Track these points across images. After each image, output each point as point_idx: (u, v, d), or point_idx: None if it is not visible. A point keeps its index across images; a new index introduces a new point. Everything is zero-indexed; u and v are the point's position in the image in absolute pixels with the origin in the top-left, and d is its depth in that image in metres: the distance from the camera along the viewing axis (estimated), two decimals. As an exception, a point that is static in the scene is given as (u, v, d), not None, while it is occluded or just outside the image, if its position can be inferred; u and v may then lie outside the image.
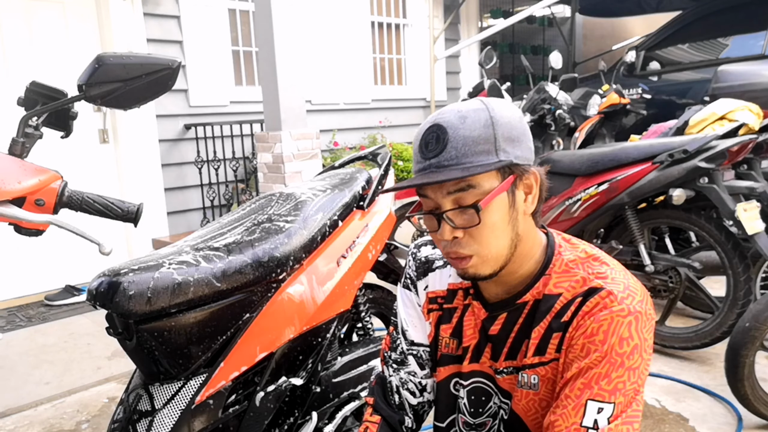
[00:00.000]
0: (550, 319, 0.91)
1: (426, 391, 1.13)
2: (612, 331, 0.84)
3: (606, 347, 0.83)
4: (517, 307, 0.95)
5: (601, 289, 0.87)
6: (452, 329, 1.04)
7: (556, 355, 0.90)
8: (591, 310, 0.86)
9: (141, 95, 1.15)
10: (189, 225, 4.41)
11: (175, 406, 1.14)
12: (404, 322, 1.12)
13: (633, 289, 0.87)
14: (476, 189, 0.87)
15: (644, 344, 0.85)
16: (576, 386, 0.84)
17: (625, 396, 0.83)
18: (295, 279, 1.34)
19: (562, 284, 0.91)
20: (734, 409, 2.07)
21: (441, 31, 5.85)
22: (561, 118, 3.20)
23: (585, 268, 0.91)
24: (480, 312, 1.00)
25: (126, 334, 1.13)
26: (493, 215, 0.87)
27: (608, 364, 0.83)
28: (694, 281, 2.50)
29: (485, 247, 0.89)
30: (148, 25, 4.08)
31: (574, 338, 0.87)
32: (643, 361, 0.85)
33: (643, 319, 0.85)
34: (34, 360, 2.77)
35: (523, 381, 0.94)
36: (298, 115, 3.66)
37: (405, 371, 1.11)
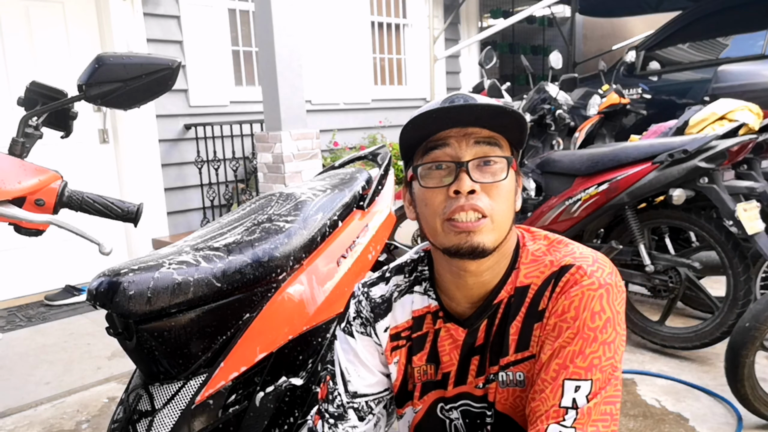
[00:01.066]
0: (525, 311, 0.89)
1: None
2: (583, 306, 0.82)
3: (578, 323, 0.82)
4: (493, 309, 0.91)
5: (571, 265, 0.85)
6: (427, 355, 0.97)
7: (538, 348, 0.88)
8: (563, 288, 0.85)
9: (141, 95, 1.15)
10: (189, 225, 4.41)
11: (175, 406, 1.14)
12: (346, 371, 1.01)
13: (602, 262, 0.86)
14: (499, 149, 0.85)
15: (617, 317, 0.83)
16: (551, 368, 0.82)
17: (602, 372, 0.81)
18: (295, 279, 1.33)
19: (531, 273, 0.89)
20: (734, 409, 2.07)
21: (441, 31, 5.85)
22: (561, 118, 3.20)
23: (551, 253, 0.90)
24: (457, 332, 0.94)
25: (126, 334, 1.13)
26: (509, 183, 0.86)
27: (581, 339, 0.81)
28: (694, 281, 2.50)
29: (498, 211, 0.84)
30: (148, 25, 4.08)
31: (549, 321, 0.85)
32: (617, 335, 0.83)
33: (614, 291, 0.83)
34: (34, 360, 2.77)
35: (507, 379, 0.91)
36: (298, 115, 3.66)
37: (343, 426, 1.01)
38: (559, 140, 3.36)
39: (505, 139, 0.86)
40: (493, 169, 0.84)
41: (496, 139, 0.84)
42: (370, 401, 1.03)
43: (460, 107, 0.81)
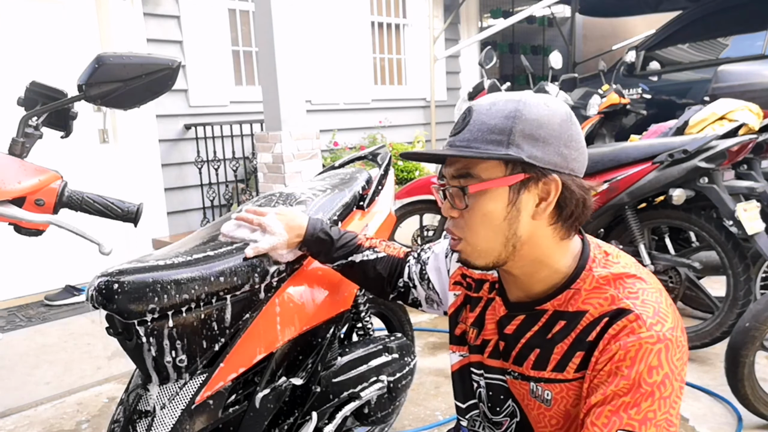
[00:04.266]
0: (574, 336, 0.87)
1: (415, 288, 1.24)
2: (640, 359, 0.79)
3: (634, 374, 0.79)
4: (535, 313, 0.92)
5: (630, 311, 0.81)
6: (475, 318, 1.04)
7: (575, 375, 0.86)
8: (617, 333, 0.81)
9: (141, 95, 1.15)
10: (189, 225, 4.41)
11: (175, 406, 1.14)
12: (430, 257, 1.20)
13: (663, 314, 0.82)
14: (474, 177, 0.86)
15: (675, 372, 0.80)
16: (603, 414, 0.80)
17: (656, 427, 0.78)
18: (296, 279, 1.34)
19: (591, 301, 0.86)
20: (734, 409, 2.07)
21: (441, 31, 5.85)
22: (561, 118, 3.19)
23: (616, 285, 0.86)
24: (500, 309, 0.98)
25: (126, 334, 1.13)
26: (485, 206, 0.86)
27: (637, 393, 0.78)
28: (694, 281, 2.50)
29: (473, 236, 0.88)
30: (148, 25, 4.08)
31: (599, 362, 0.82)
32: (674, 389, 0.80)
33: (673, 347, 0.80)
34: (34, 360, 2.77)
35: (537, 392, 0.92)
36: (298, 115, 3.66)
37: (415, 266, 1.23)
38: (559, 140, 3.36)
39: (502, 162, 0.85)
40: (467, 197, 0.87)
41: (471, 170, 0.86)
42: (425, 285, 1.21)
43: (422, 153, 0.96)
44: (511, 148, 0.83)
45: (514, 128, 0.83)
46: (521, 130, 0.83)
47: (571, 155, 0.86)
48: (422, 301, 1.24)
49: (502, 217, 0.86)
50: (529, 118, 0.83)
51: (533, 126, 0.83)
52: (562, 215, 0.87)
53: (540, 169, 0.84)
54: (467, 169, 0.86)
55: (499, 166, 0.85)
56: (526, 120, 0.83)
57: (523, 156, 0.83)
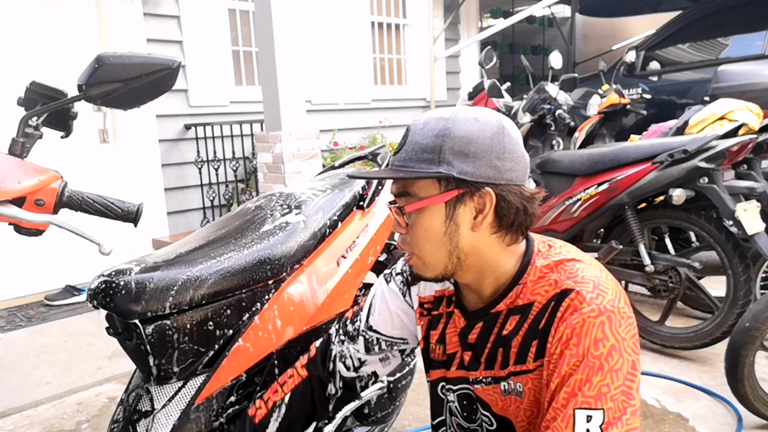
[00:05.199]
0: (527, 327, 0.90)
1: (363, 367, 1.16)
2: (585, 334, 0.81)
3: (581, 351, 0.81)
4: (491, 316, 0.95)
5: (571, 290, 0.85)
6: (438, 335, 1.06)
7: (535, 364, 0.89)
8: (563, 314, 0.84)
9: (141, 95, 1.15)
10: (189, 225, 4.41)
11: (175, 406, 1.14)
12: (373, 307, 1.14)
13: (603, 288, 0.85)
14: (411, 196, 0.89)
15: (622, 344, 0.82)
16: (560, 397, 0.82)
17: (613, 401, 0.80)
18: (295, 279, 1.33)
19: (537, 290, 0.90)
20: (734, 409, 2.07)
21: (441, 31, 5.85)
22: (561, 118, 3.20)
23: (558, 270, 0.89)
24: (459, 321, 1.01)
25: (126, 334, 1.13)
26: (425, 222, 0.89)
27: (587, 368, 0.80)
28: (694, 281, 2.50)
29: (419, 251, 0.92)
30: (148, 25, 4.08)
31: (553, 346, 0.85)
32: (624, 361, 0.81)
33: (616, 318, 0.82)
34: (34, 360, 2.77)
35: (508, 387, 0.94)
36: (298, 115, 3.66)
37: (351, 347, 1.15)
38: (559, 140, 3.36)
39: (435, 179, 0.87)
40: (407, 216, 0.91)
41: (408, 189, 0.89)
42: (382, 340, 1.14)
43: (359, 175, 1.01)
44: (441, 165, 0.86)
45: (444, 146, 0.85)
46: (450, 147, 0.85)
47: (506, 166, 0.87)
48: (377, 370, 1.18)
49: (442, 232, 0.89)
50: (458, 135, 0.86)
51: (462, 142, 0.86)
52: (503, 224, 0.89)
53: (472, 183, 0.86)
54: (405, 188, 0.90)
55: (434, 184, 0.87)
56: (454, 137, 0.85)
57: (453, 172, 0.85)
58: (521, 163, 0.89)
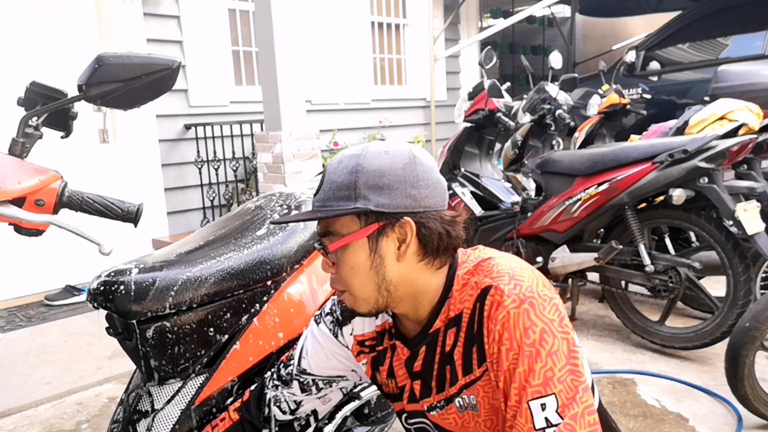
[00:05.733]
0: (464, 336, 0.91)
1: (300, 407, 1.15)
2: (513, 326, 0.82)
3: (515, 343, 0.82)
4: (431, 337, 0.95)
5: (490, 287, 0.86)
6: (387, 370, 1.05)
7: (480, 370, 0.89)
8: (490, 312, 0.85)
9: (141, 95, 1.15)
10: (189, 225, 4.41)
11: (175, 406, 1.14)
12: (304, 350, 1.12)
13: (519, 277, 0.86)
14: (334, 234, 0.90)
15: (551, 325, 0.82)
16: (512, 394, 0.82)
17: (561, 383, 0.80)
18: (295, 279, 1.34)
19: (464, 298, 0.91)
20: (734, 409, 2.07)
21: (441, 31, 5.85)
22: (561, 118, 3.20)
23: (477, 272, 0.91)
24: (403, 351, 1.01)
25: (126, 334, 1.13)
26: (350, 259, 0.90)
27: (526, 358, 0.81)
28: (694, 281, 2.50)
29: (350, 287, 0.92)
30: (148, 25, 4.08)
31: (490, 347, 0.86)
32: (559, 341, 0.81)
33: (538, 303, 0.83)
34: (34, 360, 2.77)
35: (463, 403, 0.94)
36: (298, 115, 3.66)
37: (285, 391, 1.14)
38: (559, 140, 3.36)
39: (354, 215, 0.88)
40: (333, 255, 0.92)
41: (330, 228, 0.91)
42: (318, 380, 1.12)
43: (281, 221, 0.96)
44: (358, 201, 0.87)
45: (358, 181, 0.87)
46: (365, 182, 0.87)
47: (421, 194, 0.88)
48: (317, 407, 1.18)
49: (368, 266, 0.90)
50: (370, 169, 0.87)
51: (375, 176, 0.87)
52: (428, 250, 0.90)
53: (391, 214, 0.87)
54: (328, 228, 0.91)
55: (354, 220, 0.89)
56: (367, 172, 0.87)
57: (371, 206, 0.86)
58: (438, 189, 0.91)
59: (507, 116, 3.12)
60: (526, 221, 2.87)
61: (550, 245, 2.80)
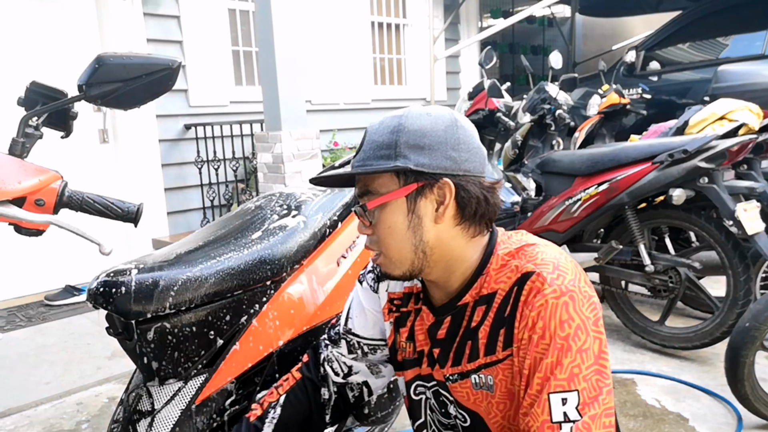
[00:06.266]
0: (493, 316, 0.90)
1: (352, 374, 1.17)
2: (550, 316, 0.81)
3: (548, 333, 0.81)
4: (458, 309, 0.94)
5: (532, 273, 0.85)
6: (407, 333, 1.05)
7: (504, 353, 0.88)
8: (527, 298, 0.84)
9: (141, 95, 1.15)
10: (189, 225, 4.41)
11: (175, 406, 1.14)
12: (350, 310, 1.15)
13: (563, 268, 0.85)
14: (373, 193, 0.90)
15: (587, 323, 0.82)
16: (534, 382, 0.81)
17: (586, 381, 0.79)
18: (295, 279, 1.34)
19: (500, 278, 0.90)
20: (734, 409, 2.07)
21: (441, 31, 5.85)
22: (561, 118, 3.20)
23: (518, 256, 0.89)
24: (428, 317, 1.00)
25: (126, 334, 1.13)
26: (388, 219, 0.89)
27: (555, 350, 0.80)
28: (694, 281, 2.50)
29: (385, 248, 0.92)
30: (148, 25, 4.08)
31: (520, 332, 0.85)
32: (592, 340, 0.81)
33: (578, 298, 0.82)
34: (34, 360, 2.77)
35: (480, 381, 0.93)
36: (298, 115, 3.66)
37: (335, 350, 1.17)
38: (559, 140, 3.36)
39: (394, 174, 0.88)
40: (371, 215, 0.91)
41: (369, 187, 0.91)
42: (363, 343, 1.15)
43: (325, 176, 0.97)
44: (398, 159, 0.87)
45: (399, 141, 0.87)
46: (405, 141, 0.87)
47: (462, 157, 0.88)
48: (369, 381, 1.18)
49: (405, 226, 0.89)
50: (411, 129, 0.87)
51: (417, 135, 0.87)
52: (465, 215, 0.90)
53: (430, 175, 0.87)
54: (366, 186, 0.91)
55: (393, 179, 0.88)
56: (408, 131, 0.87)
57: (410, 165, 0.86)
58: (478, 154, 0.91)
59: (507, 116, 3.12)
60: (526, 221, 2.87)
61: (550, 245, 2.80)
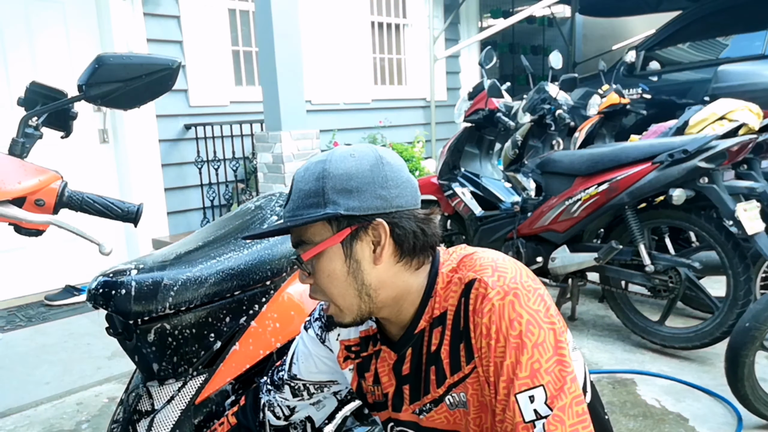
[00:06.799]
0: (449, 334, 0.89)
1: (294, 413, 1.15)
2: (499, 318, 0.81)
3: (501, 335, 0.81)
4: (416, 338, 0.93)
5: (474, 280, 0.85)
6: (372, 377, 1.03)
7: (469, 367, 0.88)
8: (475, 306, 0.84)
9: (141, 95, 1.15)
10: (189, 225, 4.41)
11: (175, 406, 1.14)
12: (295, 356, 1.13)
13: (502, 268, 0.85)
14: (307, 243, 0.89)
15: (537, 315, 0.81)
16: (501, 388, 0.81)
17: (549, 374, 0.79)
18: (295, 279, 1.33)
19: (448, 295, 0.89)
20: (734, 409, 2.07)
21: (441, 31, 5.86)
22: (561, 118, 3.19)
23: (460, 269, 0.89)
24: (390, 356, 0.99)
25: (126, 334, 1.13)
26: (326, 267, 0.88)
27: (512, 350, 0.80)
28: (694, 281, 2.50)
29: (330, 296, 0.90)
30: (148, 25, 4.08)
31: (477, 342, 0.84)
32: (545, 332, 0.81)
33: (522, 294, 0.82)
34: (34, 360, 2.77)
35: (454, 401, 0.92)
36: (298, 115, 3.66)
37: (278, 395, 1.14)
38: (559, 140, 3.36)
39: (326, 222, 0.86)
40: (309, 265, 0.90)
41: (303, 237, 0.89)
42: (309, 385, 1.12)
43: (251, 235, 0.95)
44: (327, 207, 0.85)
45: (326, 187, 0.86)
46: (332, 186, 0.86)
47: (391, 194, 0.87)
48: (311, 414, 1.17)
49: (345, 272, 0.88)
50: (337, 173, 0.86)
51: (343, 179, 0.86)
52: (404, 250, 0.89)
53: (362, 217, 0.86)
54: (300, 237, 0.90)
55: (326, 227, 0.87)
56: (334, 176, 0.86)
57: (341, 210, 0.85)
58: (408, 187, 0.89)
59: (507, 116, 3.12)
60: (526, 221, 2.87)
61: (550, 245, 2.80)
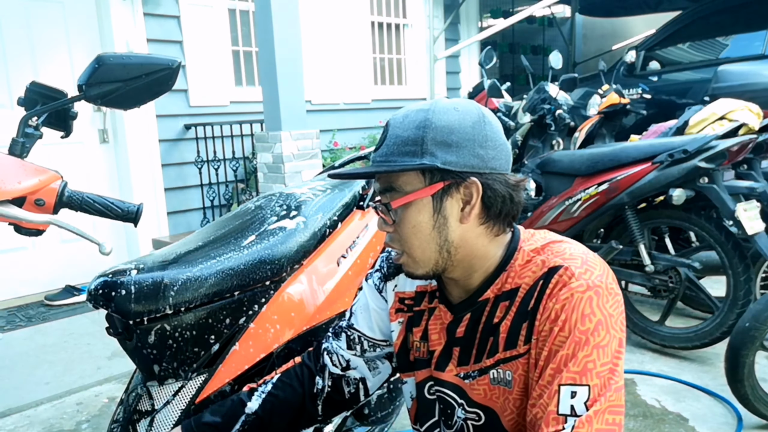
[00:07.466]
0: (515, 311, 0.88)
1: (350, 368, 1.14)
2: (572, 309, 0.80)
3: (568, 326, 0.80)
4: (478, 305, 0.92)
5: (560, 266, 0.84)
6: (421, 332, 1.02)
7: (526, 347, 0.86)
8: (552, 291, 0.83)
9: (141, 95, 1.15)
10: (189, 225, 4.41)
11: (175, 406, 1.14)
12: (355, 305, 1.15)
13: (591, 264, 0.84)
14: (397, 191, 0.88)
15: (609, 320, 0.81)
16: (547, 373, 0.81)
17: (599, 378, 0.78)
18: (295, 279, 1.33)
19: (525, 274, 0.88)
20: (734, 409, 2.07)
21: (441, 31, 5.85)
22: (561, 118, 3.20)
23: (544, 252, 0.88)
24: (445, 315, 0.98)
25: (126, 334, 1.13)
26: (412, 218, 0.87)
27: (573, 343, 0.79)
28: (694, 281, 2.50)
29: (408, 247, 0.90)
30: (148, 25, 4.08)
31: (541, 324, 0.84)
32: (611, 337, 0.80)
33: (604, 293, 0.81)
34: (34, 360, 2.77)
35: (498, 377, 0.91)
36: (298, 115, 3.66)
37: (335, 343, 1.15)
38: (559, 140, 3.36)
39: (419, 172, 0.85)
40: (394, 213, 0.89)
41: (393, 184, 0.88)
42: (364, 339, 1.12)
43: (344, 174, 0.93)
44: (425, 157, 0.84)
45: (426, 137, 0.84)
46: (432, 138, 0.84)
47: (489, 155, 0.86)
48: (366, 377, 1.14)
49: (431, 226, 0.87)
50: (439, 125, 0.84)
51: (444, 132, 0.84)
52: (491, 214, 0.88)
53: (457, 173, 0.85)
54: (389, 183, 0.88)
55: (419, 177, 0.86)
56: (436, 128, 0.84)
57: (438, 163, 0.84)
58: (504, 151, 0.88)
59: (507, 116, 3.12)
60: (526, 221, 2.87)
61: (550, 245, 2.80)
